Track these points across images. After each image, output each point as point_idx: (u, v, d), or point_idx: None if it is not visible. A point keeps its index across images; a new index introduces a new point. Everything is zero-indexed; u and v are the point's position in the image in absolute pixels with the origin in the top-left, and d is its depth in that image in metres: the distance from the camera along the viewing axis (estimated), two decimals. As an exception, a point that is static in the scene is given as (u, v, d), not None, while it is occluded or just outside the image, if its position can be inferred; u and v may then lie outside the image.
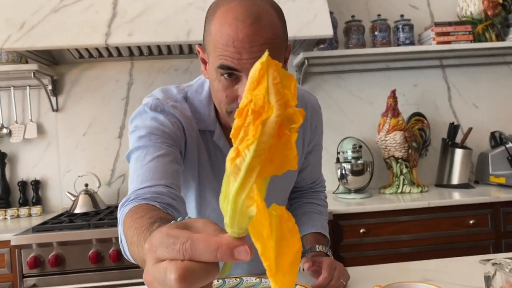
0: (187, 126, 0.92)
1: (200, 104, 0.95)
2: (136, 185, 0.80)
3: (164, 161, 0.83)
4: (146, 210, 0.68)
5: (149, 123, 0.89)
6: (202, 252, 0.37)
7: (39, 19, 1.97)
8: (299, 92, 1.05)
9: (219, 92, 0.83)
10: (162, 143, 0.86)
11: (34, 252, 1.80)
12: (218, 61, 0.79)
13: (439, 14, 2.61)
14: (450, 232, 2.04)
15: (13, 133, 2.39)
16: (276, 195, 1.07)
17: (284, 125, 0.30)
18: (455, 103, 2.62)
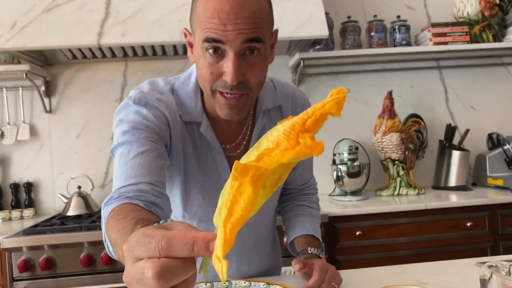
0: (172, 119, 0.91)
1: (187, 96, 0.94)
2: (120, 183, 0.79)
3: (149, 157, 0.82)
4: (129, 210, 0.68)
5: (132, 117, 0.87)
6: (178, 248, 0.38)
7: (31, 19, 1.95)
8: (289, 89, 1.05)
9: (204, 69, 0.82)
10: (145, 138, 0.85)
11: (24, 256, 1.77)
12: (203, 35, 0.79)
13: (436, 15, 2.60)
14: (447, 234, 2.02)
15: (5, 134, 2.36)
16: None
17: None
18: (452, 105, 2.60)
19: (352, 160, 2.27)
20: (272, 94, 1.00)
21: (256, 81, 0.83)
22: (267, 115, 1.00)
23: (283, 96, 1.02)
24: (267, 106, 0.99)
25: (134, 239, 0.41)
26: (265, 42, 0.81)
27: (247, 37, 0.78)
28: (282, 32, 2.02)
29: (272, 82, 1.03)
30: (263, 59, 0.83)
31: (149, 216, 0.65)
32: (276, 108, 1.01)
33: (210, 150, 0.95)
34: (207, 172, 0.96)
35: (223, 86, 0.81)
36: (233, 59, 0.78)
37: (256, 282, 0.86)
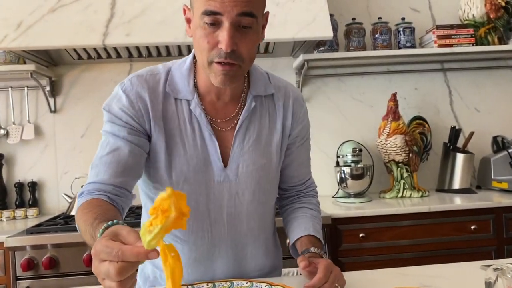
0: (153, 100, 0.98)
1: (181, 75, 1.01)
2: (92, 177, 0.95)
3: (119, 156, 0.94)
4: (93, 205, 0.87)
5: (114, 106, 0.97)
6: (129, 257, 0.61)
7: (37, 19, 1.96)
8: (283, 83, 1.11)
9: (201, 39, 0.89)
10: (120, 130, 0.96)
11: (28, 254, 1.77)
12: (202, 8, 0.86)
13: (441, 17, 2.59)
14: (451, 237, 2.01)
15: (10, 134, 2.37)
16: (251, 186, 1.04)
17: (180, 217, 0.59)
18: (456, 107, 2.59)
19: (356, 162, 2.26)
20: (266, 83, 1.07)
21: (247, 53, 0.90)
22: (259, 100, 1.05)
23: (276, 87, 1.08)
24: (259, 93, 1.04)
25: (99, 247, 0.63)
26: (258, 18, 0.89)
27: (242, 10, 0.85)
28: (287, 33, 2.02)
29: (267, 74, 1.10)
30: (254, 34, 0.90)
31: (106, 212, 0.84)
32: (269, 96, 1.07)
33: (200, 126, 1.00)
34: (193, 145, 0.99)
35: (218, 55, 0.88)
36: (228, 29, 0.85)
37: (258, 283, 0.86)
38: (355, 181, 2.22)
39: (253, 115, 1.04)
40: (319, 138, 2.48)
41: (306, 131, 1.14)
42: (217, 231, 1.03)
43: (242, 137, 1.02)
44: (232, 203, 1.03)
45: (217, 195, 1.01)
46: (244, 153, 1.02)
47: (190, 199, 0.99)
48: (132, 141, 0.96)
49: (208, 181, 1.00)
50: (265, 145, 1.05)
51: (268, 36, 2.02)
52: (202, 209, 1.01)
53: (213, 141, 0.99)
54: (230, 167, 1.01)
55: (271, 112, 1.06)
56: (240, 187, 1.02)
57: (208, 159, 1.00)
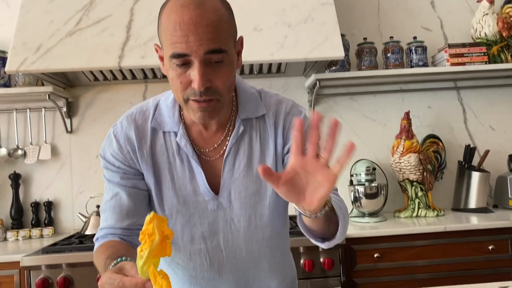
0: (141, 139, 1.00)
1: (166, 108, 1.02)
2: (102, 222, 1.02)
3: (121, 201, 1.00)
4: (106, 247, 0.94)
5: (107, 152, 1.02)
6: (128, 287, 0.68)
7: (55, 42, 2.02)
8: (274, 99, 1.05)
9: (174, 80, 0.88)
10: (114, 176, 1.01)
11: (43, 274, 1.79)
12: (169, 51, 0.85)
13: (453, 35, 2.59)
14: (468, 258, 1.97)
15: (27, 154, 2.41)
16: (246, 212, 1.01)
17: (163, 239, 0.66)
18: (471, 125, 2.57)
19: (370, 181, 2.25)
20: (256, 104, 1.03)
21: (224, 86, 0.88)
22: (249, 123, 1.02)
23: (268, 106, 1.04)
24: (248, 115, 1.02)
25: (104, 279, 0.72)
26: (228, 51, 0.87)
27: (209, 48, 0.83)
28: (299, 54, 2.04)
29: (259, 93, 1.06)
30: (228, 66, 0.88)
31: (117, 251, 0.89)
32: (260, 117, 1.03)
33: (188, 157, 1.00)
34: (181, 177, 1.00)
35: (193, 93, 0.87)
36: (198, 67, 0.84)
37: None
38: (369, 200, 2.20)
39: (242, 140, 1.01)
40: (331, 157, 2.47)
41: None
42: (216, 257, 1.03)
43: (231, 163, 1.00)
44: (228, 230, 1.02)
45: (212, 223, 1.01)
46: (235, 179, 1.00)
47: (184, 230, 1.02)
48: (126, 185, 1.00)
49: (201, 210, 1.00)
50: (258, 169, 1.01)
51: (280, 56, 2.06)
52: (197, 238, 1.02)
53: (199, 172, 0.99)
54: (222, 194, 1.00)
55: (262, 134, 1.03)
56: (234, 213, 1.01)
57: (197, 190, 1.00)
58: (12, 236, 2.27)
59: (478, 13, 2.44)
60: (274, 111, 1.04)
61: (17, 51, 2.00)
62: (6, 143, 2.44)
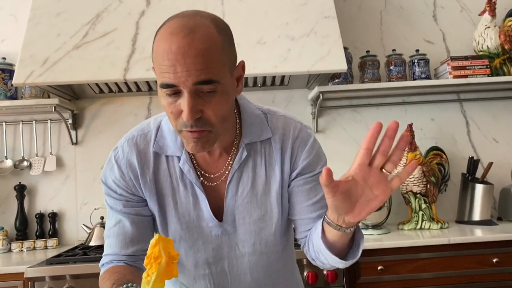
0: (143, 165, 0.97)
1: (169, 131, 0.97)
2: (107, 248, 1.00)
3: (124, 228, 0.98)
4: (111, 273, 0.93)
5: (108, 178, 0.98)
6: None
7: (62, 55, 2.05)
8: (282, 124, 1.00)
9: (166, 109, 0.84)
10: (116, 204, 0.98)
11: (47, 285, 1.79)
12: (159, 80, 0.82)
13: (455, 49, 2.61)
14: (473, 271, 1.96)
15: (33, 165, 2.43)
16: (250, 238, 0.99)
17: (170, 261, 0.66)
18: (474, 138, 2.58)
19: (373, 193, 2.24)
20: (262, 127, 0.98)
21: (216, 116, 0.83)
22: (254, 148, 0.98)
23: (274, 129, 0.99)
24: (253, 139, 0.97)
25: None
26: (220, 80, 0.81)
27: (197, 79, 0.78)
28: (302, 67, 2.07)
29: (265, 114, 1.01)
30: (221, 95, 0.83)
31: (123, 277, 0.89)
32: (266, 141, 0.98)
33: (191, 182, 0.96)
34: (185, 203, 0.97)
35: (183, 124, 0.83)
36: (187, 99, 0.79)
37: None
38: (372, 213, 2.19)
39: (245, 165, 0.97)
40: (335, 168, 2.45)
41: (315, 166, 0.99)
42: (220, 282, 1.01)
43: (234, 189, 0.97)
44: (233, 255, 1.00)
45: (217, 249, 0.99)
46: (238, 205, 0.97)
47: (188, 256, 1.00)
48: (129, 212, 0.97)
49: (205, 236, 0.98)
50: (262, 195, 0.98)
51: (284, 69, 2.08)
52: (201, 263, 1.00)
53: (203, 198, 0.96)
54: (226, 220, 0.97)
55: (268, 159, 0.98)
56: (239, 239, 0.99)
57: (201, 216, 0.97)
58: (16, 247, 2.27)
59: (480, 26, 2.46)
60: (281, 135, 0.98)
61: (24, 63, 2.03)
62: (12, 155, 2.46)
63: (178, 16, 0.83)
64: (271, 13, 2.16)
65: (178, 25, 0.80)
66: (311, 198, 0.99)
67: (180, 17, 0.82)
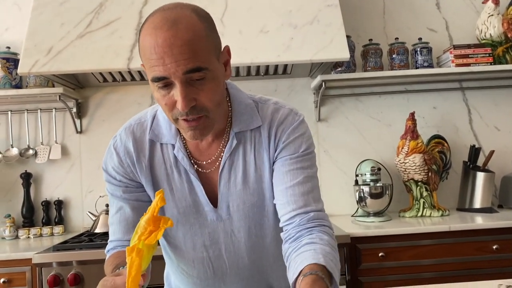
0: (139, 153, 1.00)
1: (163, 120, 1.00)
2: (111, 235, 1.04)
3: (125, 215, 1.02)
4: (114, 257, 0.98)
5: (108, 165, 1.02)
6: (119, 285, 0.73)
7: (66, 44, 2.06)
8: (271, 109, 1.01)
9: (160, 101, 0.87)
10: (116, 190, 1.02)
11: (54, 271, 1.83)
12: (150, 74, 0.84)
13: (458, 37, 2.61)
14: (473, 257, 1.99)
15: (38, 154, 2.46)
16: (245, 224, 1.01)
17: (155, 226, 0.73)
18: (476, 126, 2.59)
19: (375, 181, 2.27)
20: (252, 116, 1.00)
21: (210, 102, 0.86)
22: (243, 136, 1.00)
23: (264, 117, 1.00)
24: (242, 128, 0.99)
25: (100, 283, 0.76)
26: (209, 67, 0.84)
27: (187, 68, 0.81)
28: (304, 55, 2.07)
29: (256, 103, 1.03)
30: (212, 81, 0.86)
31: (123, 261, 0.89)
32: (255, 129, 1.00)
33: (186, 170, 0.99)
34: (180, 189, 1.00)
35: (179, 114, 0.85)
36: (180, 88, 0.82)
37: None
38: (374, 200, 2.22)
39: (236, 153, 0.99)
40: (337, 157, 2.50)
41: (296, 149, 0.99)
42: (219, 266, 1.04)
43: (227, 177, 0.99)
44: (229, 240, 1.02)
45: (213, 233, 1.02)
46: (231, 193, 1.00)
47: (186, 238, 1.03)
48: (129, 198, 1.01)
49: (201, 221, 1.01)
50: (254, 182, 1.00)
51: (287, 58, 2.09)
52: (199, 246, 1.03)
53: (198, 185, 0.99)
54: (220, 207, 1.00)
55: (257, 147, 1.00)
56: (234, 225, 1.01)
57: (197, 201, 1.00)
58: (23, 234, 2.31)
59: (484, 14, 2.45)
60: (269, 121, 1.00)
61: (29, 53, 2.04)
62: (17, 143, 2.49)
63: (159, 11, 0.85)
64: (274, 1, 2.16)
65: (160, 19, 0.82)
66: (286, 182, 0.97)
67: (161, 11, 0.85)
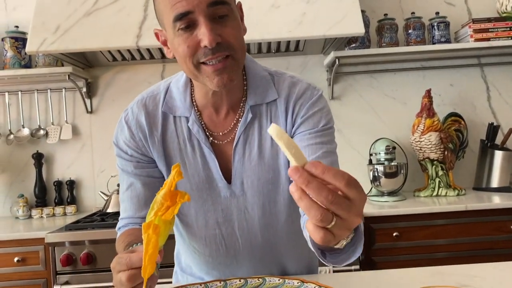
0: (151, 126, 0.97)
1: (178, 92, 0.98)
2: (122, 212, 1.02)
3: (136, 191, 0.99)
4: (126, 235, 0.95)
5: (120, 139, 0.99)
6: (135, 262, 0.70)
7: (73, 23, 2.02)
8: (288, 84, 0.97)
9: (181, 47, 0.83)
10: (128, 165, 0.99)
11: (67, 250, 1.84)
12: (171, 15, 0.80)
13: (477, 10, 2.51)
14: (489, 237, 1.95)
15: (49, 134, 2.46)
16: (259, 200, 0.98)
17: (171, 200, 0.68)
18: (494, 103, 2.51)
19: (389, 160, 2.23)
20: (268, 89, 0.97)
21: (235, 40, 0.83)
22: (259, 110, 0.96)
23: (280, 90, 0.97)
24: (257, 101, 0.96)
25: (114, 260, 0.74)
26: (231, 4, 0.83)
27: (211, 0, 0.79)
28: (317, 31, 2.01)
29: (272, 76, 0.99)
30: (234, 20, 0.84)
31: (137, 238, 0.90)
32: (272, 103, 0.97)
33: (199, 143, 0.96)
34: (193, 164, 0.96)
35: (204, 54, 0.81)
36: (205, 23, 0.79)
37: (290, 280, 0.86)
38: (388, 180, 2.18)
39: (251, 127, 0.96)
40: (351, 136, 2.45)
41: (316, 123, 0.94)
42: (231, 244, 1.01)
43: (241, 151, 0.96)
44: (243, 217, 0.99)
45: (226, 210, 0.99)
46: (246, 168, 0.96)
47: (198, 215, 1.00)
48: (140, 174, 0.99)
49: (214, 197, 0.98)
50: (270, 157, 0.96)
51: (299, 33, 2.03)
52: (212, 223, 1.00)
53: (212, 159, 0.95)
54: (234, 183, 0.97)
55: (273, 120, 0.96)
56: (248, 202, 0.98)
57: (211, 176, 0.97)
58: (36, 213, 2.33)
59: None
60: (286, 95, 0.96)
61: (37, 31, 2.01)
62: (28, 123, 2.49)
63: None
64: (285, -25, 2.09)
65: None
66: (317, 157, 0.91)
67: None
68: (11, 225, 2.15)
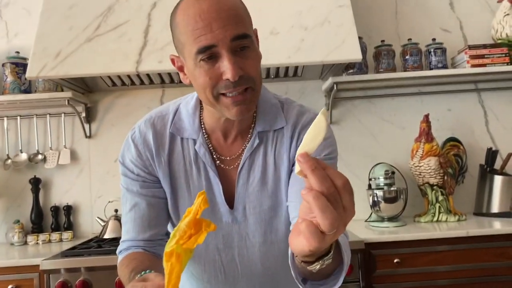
0: (158, 147, 0.96)
1: (187, 114, 0.98)
2: (124, 234, 1.00)
3: (140, 212, 0.97)
4: (130, 259, 0.93)
5: (126, 158, 0.98)
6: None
7: (74, 48, 2.04)
8: (296, 112, 0.98)
9: (201, 78, 0.83)
10: (133, 185, 0.97)
11: (62, 277, 1.80)
12: (194, 48, 0.81)
13: (473, 37, 2.54)
14: (492, 264, 1.92)
15: (47, 159, 2.45)
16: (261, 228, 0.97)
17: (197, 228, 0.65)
18: (492, 128, 2.52)
19: (389, 185, 2.21)
20: (276, 116, 0.97)
21: (256, 72, 0.84)
22: (265, 136, 0.97)
23: (288, 118, 0.97)
24: (265, 128, 0.96)
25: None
26: (251, 36, 0.84)
27: (235, 33, 0.80)
28: (315, 57, 2.03)
29: (282, 104, 1.00)
30: (254, 51, 0.85)
31: (141, 264, 0.88)
32: (279, 130, 0.97)
33: (205, 166, 0.96)
34: (197, 187, 0.96)
35: (225, 86, 0.82)
36: (228, 56, 0.80)
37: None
38: (388, 205, 2.17)
39: (256, 153, 0.96)
40: (350, 160, 2.45)
41: (318, 152, 0.92)
42: (231, 271, 1.00)
43: (245, 177, 0.96)
44: (243, 244, 0.98)
45: (227, 236, 0.98)
46: (249, 194, 0.96)
47: None
48: (146, 194, 0.97)
49: (216, 222, 0.94)
50: (272, 184, 0.96)
51: (297, 59, 2.05)
52: (212, 249, 0.99)
53: (217, 182, 0.95)
54: (236, 208, 0.96)
55: (278, 147, 0.96)
56: (249, 228, 0.97)
57: (213, 200, 0.96)
58: (32, 240, 2.30)
59: (499, 14, 2.39)
60: (294, 123, 0.97)
61: (37, 57, 2.03)
62: (26, 148, 2.48)
63: None
64: (284, 2, 2.13)
65: None
66: (302, 182, 0.89)
67: None
68: (6, 252, 2.12)
